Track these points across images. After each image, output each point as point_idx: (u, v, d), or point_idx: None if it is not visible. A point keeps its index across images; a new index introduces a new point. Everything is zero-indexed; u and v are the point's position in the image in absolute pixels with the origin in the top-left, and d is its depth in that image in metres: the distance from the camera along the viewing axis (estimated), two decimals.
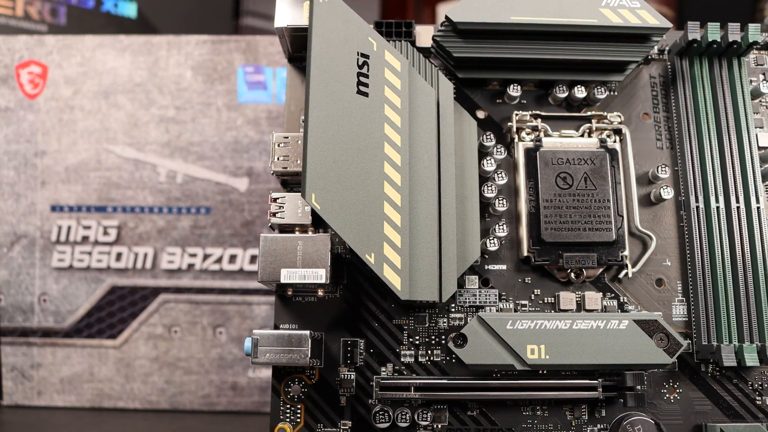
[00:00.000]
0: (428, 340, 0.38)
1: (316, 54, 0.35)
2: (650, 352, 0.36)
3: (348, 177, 0.34)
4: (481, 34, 0.38)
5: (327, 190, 0.33)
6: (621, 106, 0.41)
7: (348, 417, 0.37)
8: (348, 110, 0.35)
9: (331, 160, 0.34)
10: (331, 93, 0.35)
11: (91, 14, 0.76)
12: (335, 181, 0.34)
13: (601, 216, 0.38)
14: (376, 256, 0.34)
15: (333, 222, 0.33)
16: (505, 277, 0.39)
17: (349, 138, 0.35)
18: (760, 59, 0.43)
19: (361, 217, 0.34)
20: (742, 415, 0.38)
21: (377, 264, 0.34)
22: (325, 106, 0.34)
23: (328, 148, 0.34)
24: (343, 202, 0.34)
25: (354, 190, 0.34)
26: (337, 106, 0.35)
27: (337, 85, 0.35)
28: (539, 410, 0.38)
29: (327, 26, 0.36)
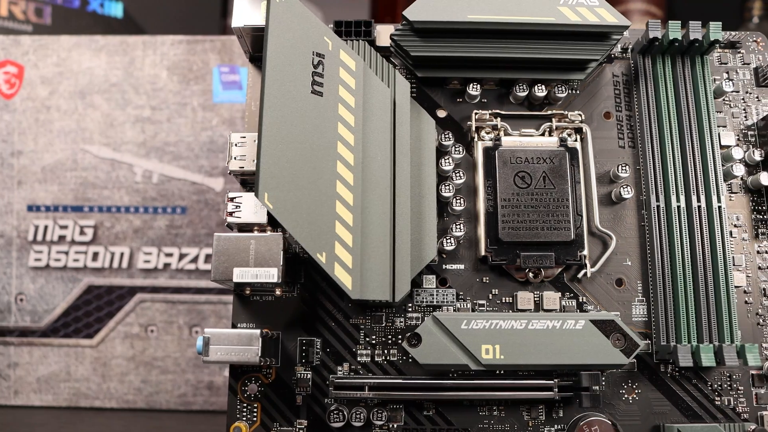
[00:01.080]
0: (385, 340, 0.38)
1: (272, 54, 0.35)
2: (607, 352, 0.36)
3: (301, 176, 0.34)
4: (439, 33, 0.38)
5: (280, 190, 0.33)
6: (583, 105, 0.41)
7: (304, 416, 0.37)
8: (302, 110, 0.35)
9: (285, 160, 0.34)
10: (286, 93, 0.35)
11: (77, 14, 0.76)
12: (288, 181, 0.34)
13: (560, 215, 0.38)
14: (327, 255, 0.34)
15: (285, 221, 0.33)
16: (463, 277, 0.39)
17: (302, 137, 0.35)
18: (723, 58, 0.42)
19: (313, 217, 0.34)
20: (701, 416, 0.38)
21: (328, 263, 0.34)
22: (279, 105, 0.34)
23: (281, 148, 0.34)
24: (295, 202, 0.34)
25: (307, 189, 0.34)
26: (291, 106, 0.35)
27: (292, 84, 0.35)
28: (496, 410, 0.37)
29: (283, 26, 0.36)
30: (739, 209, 0.40)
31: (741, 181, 0.40)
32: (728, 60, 0.42)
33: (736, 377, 0.38)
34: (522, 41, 0.39)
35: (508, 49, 0.39)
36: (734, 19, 0.88)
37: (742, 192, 0.40)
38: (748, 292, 0.39)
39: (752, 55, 0.42)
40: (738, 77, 0.42)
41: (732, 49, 0.42)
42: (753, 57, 0.42)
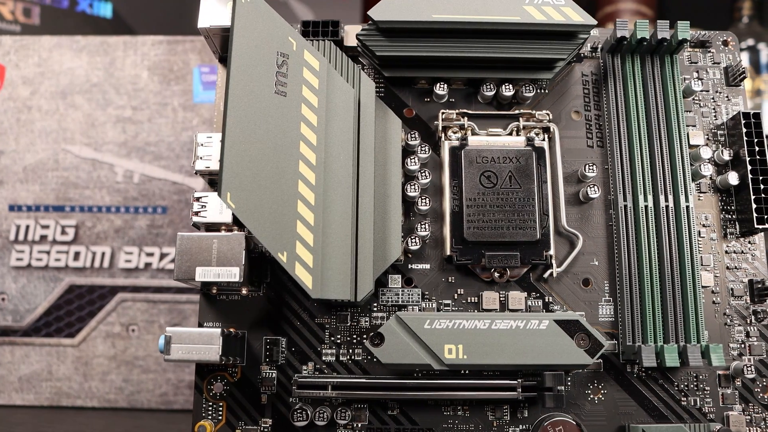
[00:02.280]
0: (350, 339, 0.38)
1: (237, 54, 0.35)
2: (571, 352, 0.36)
3: (263, 176, 0.34)
4: (404, 32, 0.38)
5: (242, 189, 0.34)
6: (551, 104, 0.41)
7: (269, 415, 0.37)
8: (266, 110, 0.35)
9: (248, 160, 0.34)
10: (249, 93, 0.35)
11: (66, 14, 0.77)
12: (251, 181, 0.34)
13: (525, 215, 0.38)
14: (288, 254, 0.34)
15: (247, 221, 0.33)
16: (429, 277, 0.39)
17: (266, 137, 0.35)
18: (694, 57, 0.42)
19: (274, 216, 0.34)
20: (667, 416, 0.38)
21: (289, 262, 0.34)
22: (243, 105, 0.35)
23: (244, 148, 0.34)
24: (257, 201, 0.34)
25: (269, 189, 0.34)
26: (255, 106, 0.35)
27: (256, 84, 0.35)
28: (460, 410, 0.37)
29: (248, 26, 0.36)
30: (707, 209, 0.40)
31: (710, 181, 0.40)
32: (698, 59, 0.42)
33: (702, 377, 0.38)
34: (488, 41, 0.39)
35: (475, 49, 0.39)
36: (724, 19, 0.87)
37: (711, 192, 0.40)
38: (715, 292, 0.39)
39: (722, 54, 0.42)
40: (708, 77, 0.42)
41: (702, 48, 0.42)
42: (723, 56, 0.42)
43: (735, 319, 0.39)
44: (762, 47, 0.85)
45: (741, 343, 0.39)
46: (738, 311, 0.39)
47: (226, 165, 0.33)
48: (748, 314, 0.39)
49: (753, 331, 0.39)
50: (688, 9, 0.92)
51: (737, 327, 0.39)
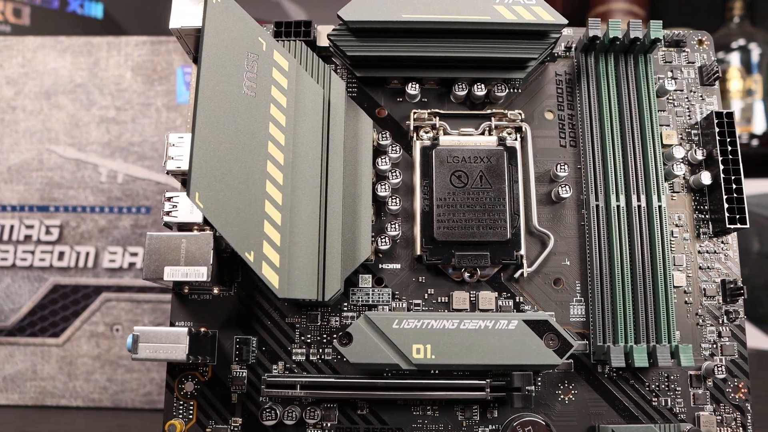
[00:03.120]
0: (320, 339, 0.38)
1: (207, 54, 0.35)
2: (539, 352, 0.36)
3: (232, 176, 0.34)
4: (374, 32, 0.38)
5: (210, 189, 0.34)
6: (524, 104, 0.41)
7: (239, 414, 0.38)
8: (235, 110, 0.35)
9: (216, 160, 0.34)
10: (219, 93, 0.35)
11: (57, 15, 0.77)
12: (219, 181, 0.34)
13: (496, 215, 0.38)
14: (255, 254, 0.34)
15: (214, 220, 0.33)
16: (400, 277, 0.39)
17: (234, 138, 0.35)
18: (668, 56, 0.42)
19: (242, 216, 0.34)
20: (638, 417, 0.37)
21: (256, 262, 0.34)
22: (212, 106, 0.35)
23: (213, 148, 0.34)
24: (225, 201, 0.34)
25: (237, 189, 0.34)
26: (224, 106, 0.35)
27: (225, 85, 0.35)
28: (430, 410, 0.37)
29: (219, 27, 0.36)
30: (681, 209, 0.40)
31: (683, 181, 0.40)
32: (673, 59, 0.42)
33: (674, 378, 0.38)
34: (460, 40, 0.39)
35: (446, 49, 0.39)
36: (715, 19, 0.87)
37: (685, 191, 0.40)
38: (688, 292, 0.39)
39: (697, 54, 0.42)
40: (683, 76, 0.42)
41: (677, 48, 0.42)
42: (698, 56, 0.42)
43: (707, 320, 0.39)
44: (753, 47, 0.85)
45: (713, 343, 0.38)
46: (710, 311, 0.39)
47: (194, 165, 0.33)
48: (720, 314, 0.39)
49: (725, 332, 0.39)
50: (680, 9, 0.92)
51: (709, 327, 0.39)
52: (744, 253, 0.84)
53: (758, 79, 0.84)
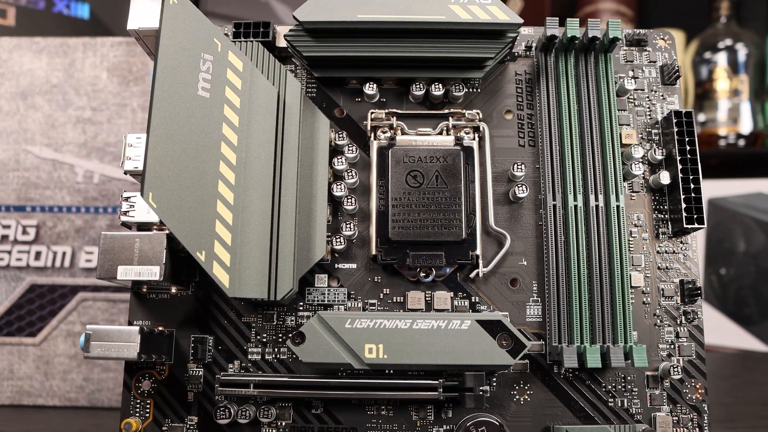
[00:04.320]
0: (275, 338, 0.38)
1: (163, 55, 0.35)
2: (492, 352, 0.35)
3: (185, 176, 0.35)
4: (330, 33, 0.38)
5: (164, 189, 0.34)
6: (484, 103, 0.41)
7: (195, 413, 0.38)
8: (189, 111, 0.35)
9: (170, 160, 0.34)
10: (174, 94, 0.35)
11: (43, 15, 0.77)
12: (173, 181, 0.34)
13: (451, 214, 0.38)
14: (206, 253, 0.34)
15: (167, 220, 0.34)
16: (356, 276, 0.39)
17: (188, 138, 0.35)
18: (630, 56, 0.42)
19: (194, 216, 0.34)
20: (594, 417, 0.37)
21: (207, 261, 0.34)
22: (167, 107, 0.35)
23: (167, 148, 0.34)
24: (178, 201, 0.34)
25: (190, 189, 0.35)
26: (179, 107, 0.35)
27: (180, 85, 0.35)
28: (384, 410, 0.37)
29: (175, 28, 0.36)
30: (640, 208, 0.40)
31: (643, 180, 0.40)
32: (634, 58, 0.42)
33: (630, 378, 0.38)
34: (416, 40, 0.39)
35: (403, 48, 0.39)
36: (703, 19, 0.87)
37: (645, 191, 0.40)
38: (646, 292, 0.39)
39: (659, 53, 0.42)
40: (644, 75, 0.41)
41: (638, 47, 0.42)
42: (659, 55, 0.42)
43: (665, 320, 0.38)
44: (740, 47, 0.84)
45: (670, 343, 0.38)
46: (668, 312, 0.39)
47: (148, 165, 0.34)
48: (679, 315, 0.39)
49: (683, 332, 0.38)
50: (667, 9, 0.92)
51: (667, 327, 0.38)
52: (730, 253, 0.84)
53: (744, 80, 0.84)
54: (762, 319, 0.80)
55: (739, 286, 0.82)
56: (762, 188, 0.80)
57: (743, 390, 0.64)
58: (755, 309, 0.80)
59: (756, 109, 0.84)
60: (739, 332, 0.81)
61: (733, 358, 0.75)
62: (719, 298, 0.83)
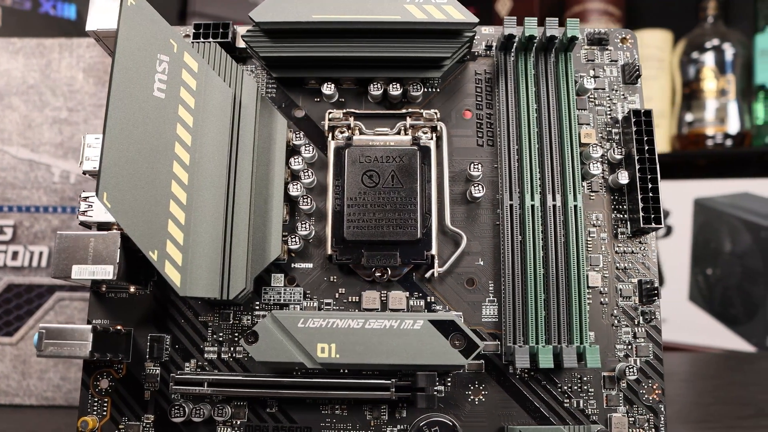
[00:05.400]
0: (231, 337, 0.38)
1: (120, 56, 0.36)
2: (445, 352, 0.35)
3: (139, 176, 0.35)
4: (286, 33, 0.38)
5: (119, 189, 0.34)
6: (443, 103, 0.41)
7: (151, 411, 0.38)
8: (144, 111, 0.36)
9: (125, 161, 0.35)
10: (130, 95, 0.35)
11: (29, 16, 0.78)
12: (127, 181, 0.34)
13: (406, 214, 0.38)
14: (158, 253, 0.34)
15: (121, 220, 0.34)
16: (312, 276, 0.39)
17: (143, 139, 0.35)
18: (591, 55, 0.41)
19: (147, 216, 0.34)
20: (549, 418, 0.37)
21: (159, 261, 0.34)
22: (123, 107, 0.35)
23: (123, 149, 0.35)
24: (132, 201, 0.34)
25: (144, 189, 0.35)
26: (135, 107, 0.35)
27: (136, 86, 0.36)
28: (338, 409, 0.37)
29: (133, 29, 0.36)
30: (599, 208, 0.40)
31: (602, 180, 0.40)
32: (595, 57, 0.41)
33: (587, 379, 0.38)
34: (373, 40, 0.39)
35: (359, 48, 0.39)
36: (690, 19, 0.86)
37: (604, 191, 0.40)
38: (604, 292, 0.39)
39: (620, 52, 0.42)
40: (605, 74, 0.41)
41: (600, 46, 0.42)
42: (621, 54, 0.42)
43: (623, 320, 0.38)
44: (727, 47, 0.84)
45: (628, 344, 0.38)
46: (626, 312, 0.38)
47: (104, 166, 0.34)
48: (636, 315, 0.38)
49: (640, 332, 0.38)
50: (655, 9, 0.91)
51: (624, 328, 0.38)
52: (716, 253, 0.83)
53: (731, 79, 0.83)
54: (748, 319, 0.79)
55: (726, 287, 0.82)
56: (748, 188, 0.80)
57: (724, 390, 0.64)
58: (741, 309, 0.80)
59: (743, 109, 0.83)
60: (726, 333, 0.81)
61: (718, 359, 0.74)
62: (705, 298, 0.83)
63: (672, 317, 0.84)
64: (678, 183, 0.85)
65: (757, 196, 0.79)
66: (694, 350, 0.81)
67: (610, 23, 0.88)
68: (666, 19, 0.86)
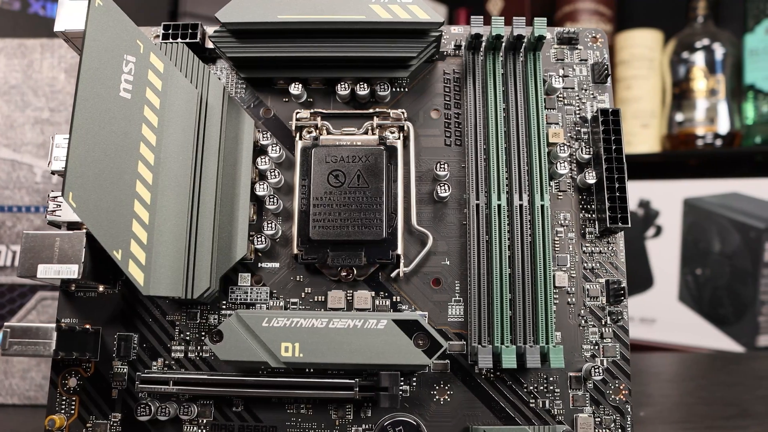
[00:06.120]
0: (198, 336, 0.38)
1: (87, 56, 0.36)
2: (408, 352, 0.35)
3: (105, 176, 0.35)
4: (252, 33, 0.38)
5: (84, 189, 0.34)
6: (411, 102, 0.41)
7: (119, 410, 0.38)
8: (110, 112, 0.36)
9: (91, 160, 0.35)
10: (96, 95, 0.36)
11: (18, 16, 0.78)
12: (93, 180, 0.35)
13: (372, 214, 0.38)
14: (122, 252, 0.34)
15: (86, 219, 0.34)
16: (278, 275, 0.39)
17: (109, 139, 0.35)
18: (560, 54, 0.41)
19: (112, 215, 0.35)
20: (515, 418, 0.37)
21: (123, 260, 0.34)
22: (90, 107, 0.35)
23: (89, 149, 0.35)
24: (97, 201, 0.34)
25: (108, 189, 0.35)
26: (101, 108, 0.36)
27: (103, 87, 0.36)
28: (304, 409, 0.37)
29: (100, 29, 0.37)
30: (567, 208, 0.39)
31: (571, 180, 0.40)
32: (565, 56, 0.41)
33: (553, 379, 0.38)
34: (339, 40, 0.39)
35: (325, 49, 0.39)
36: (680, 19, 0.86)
37: (572, 191, 0.40)
38: (571, 292, 0.38)
39: (590, 51, 0.41)
40: (575, 73, 0.41)
41: (569, 45, 0.41)
42: (590, 53, 0.41)
43: (590, 320, 0.38)
44: (716, 47, 0.83)
45: (594, 344, 0.38)
46: (593, 312, 0.38)
47: (69, 165, 0.34)
48: (604, 315, 0.38)
49: (607, 332, 0.38)
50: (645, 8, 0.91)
51: (592, 328, 0.38)
52: (705, 253, 0.83)
53: (721, 79, 0.83)
54: (737, 319, 0.79)
55: (715, 287, 0.81)
56: (738, 188, 0.79)
57: (707, 390, 0.64)
58: (730, 309, 0.80)
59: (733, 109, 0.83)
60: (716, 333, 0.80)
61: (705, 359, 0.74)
62: (695, 298, 0.82)
63: (661, 317, 0.84)
64: (668, 183, 0.84)
65: (746, 196, 0.78)
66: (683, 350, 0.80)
67: (601, 23, 0.88)
68: (656, 18, 0.85)
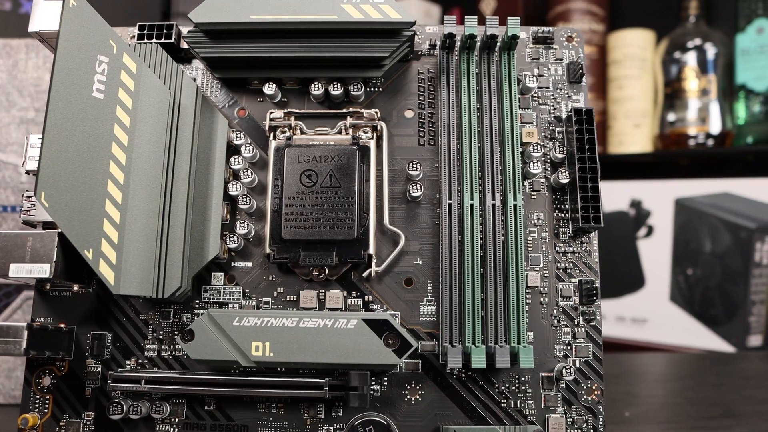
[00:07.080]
0: (171, 335, 0.38)
1: (60, 56, 0.36)
2: (378, 352, 0.35)
3: (77, 176, 0.35)
4: (225, 34, 0.38)
5: (56, 189, 0.34)
6: (385, 102, 0.41)
7: (92, 408, 0.38)
8: (83, 112, 0.36)
9: (63, 160, 0.35)
10: (69, 95, 0.36)
11: (9, 16, 0.79)
12: (65, 180, 0.35)
13: (344, 213, 0.38)
14: (93, 251, 0.35)
15: (58, 219, 0.34)
16: (251, 275, 0.39)
17: (81, 139, 0.36)
18: (535, 53, 0.41)
19: (83, 215, 0.35)
20: (486, 418, 0.37)
21: (94, 259, 0.35)
22: (63, 108, 0.35)
23: (61, 149, 0.35)
24: (69, 201, 0.35)
25: (81, 188, 0.35)
26: (74, 108, 0.36)
27: (76, 87, 0.36)
28: (275, 408, 0.38)
29: (74, 30, 0.37)
30: (541, 207, 0.39)
31: (544, 180, 0.40)
32: (540, 56, 0.41)
33: (525, 379, 0.38)
34: (312, 40, 0.39)
35: (298, 49, 0.39)
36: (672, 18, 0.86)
37: (546, 190, 0.40)
38: (543, 293, 0.38)
39: (566, 50, 0.41)
40: (549, 73, 0.41)
41: (544, 44, 0.41)
42: (566, 53, 0.41)
43: (562, 321, 0.38)
44: (708, 47, 0.83)
45: (567, 344, 0.38)
46: (566, 312, 0.38)
47: (42, 165, 0.34)
48: (577, 315, 0.38)
49: (580, 333, 0.38)
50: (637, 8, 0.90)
51: (564, 328, 0.38)
52: (696, 253, 0.83)
53: (713, 79, 0.82)
54: (728, 319, 0.78)
55: (706, 287, 0.81)
56: (729, 188, 0.79)
57: (693, 390, 0.63)
58: (721, 309, 0.79)
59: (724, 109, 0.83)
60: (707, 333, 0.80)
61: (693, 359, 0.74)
62: (686, 298, 0.82)
63: (653, 318, 0.84)
64: (659, 183, 0.84)
65: (737, 197, 0.78)
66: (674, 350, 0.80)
67: (593, 23, 0.88)
68: (648, 18, 0.85)
